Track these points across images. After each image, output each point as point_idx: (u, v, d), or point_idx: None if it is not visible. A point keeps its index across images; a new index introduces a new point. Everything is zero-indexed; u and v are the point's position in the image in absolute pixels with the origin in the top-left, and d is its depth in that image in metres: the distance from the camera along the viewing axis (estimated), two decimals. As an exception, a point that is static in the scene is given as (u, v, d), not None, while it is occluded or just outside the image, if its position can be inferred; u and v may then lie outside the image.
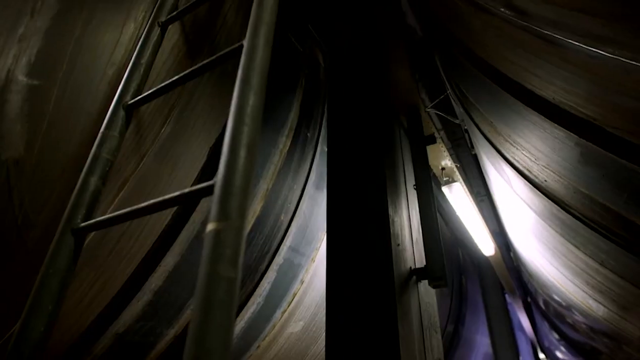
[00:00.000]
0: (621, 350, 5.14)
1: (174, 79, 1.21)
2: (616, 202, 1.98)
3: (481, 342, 8.97)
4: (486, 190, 6.33)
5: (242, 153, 0.80)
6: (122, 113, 1.23)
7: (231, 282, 0.67)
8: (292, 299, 2.77)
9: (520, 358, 7.47)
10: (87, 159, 1.19)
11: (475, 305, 8.04)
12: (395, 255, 1.72)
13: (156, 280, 2.12)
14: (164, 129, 2.07)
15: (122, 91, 1.29)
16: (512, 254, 6.81)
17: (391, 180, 2.02)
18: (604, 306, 3.66)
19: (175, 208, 2.20)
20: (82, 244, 1.04)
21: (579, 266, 3.19)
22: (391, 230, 1.78)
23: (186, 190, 0.87)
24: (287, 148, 2.87)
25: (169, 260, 2.15)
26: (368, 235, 1.78)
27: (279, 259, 2.61)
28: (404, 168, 2.33)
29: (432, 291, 2.05)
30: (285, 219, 2.72)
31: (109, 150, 1.15)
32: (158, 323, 2.30)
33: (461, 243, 6.69)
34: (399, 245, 1.80)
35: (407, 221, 2.08)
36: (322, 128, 3.33)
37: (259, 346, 2.71)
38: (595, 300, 3.69)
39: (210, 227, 0.71)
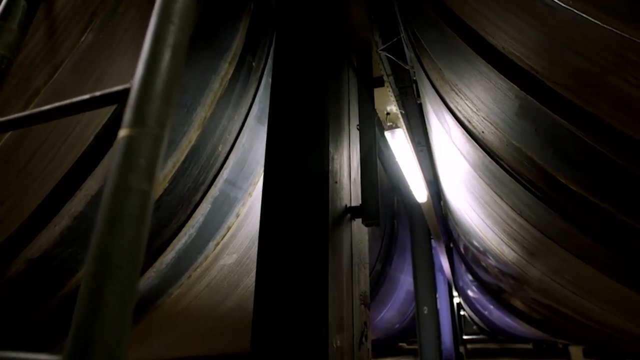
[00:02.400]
0: (522, 290, 5.83)
1: (90, -34, 1.01)
2: (543, 156, 2.10)
3: (405, 281, 9.75)
4: (426, 141, 6.53)
5: (167, 55, 0.68)
6: (22, 2, 1.02)
7: (144, 195, 0.59)
8: (227, 232, 2.74)
9: (437, 295, 8.25)
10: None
11: (404, 247, 8.61)
12: (332, 192, 1.71)
13: (76, 204, 1.96)
14: (84, 37, 1.81)
15: (24, -26, 1.07)
16: (442, 203, 7.25)
17: (335, 117, 1.96)
18: (515, 252, 4.05)
19: (99, 128, 2.00)
20: (-30, 151, 0.88)
21: (499, 215, 3.45)
22: (330, 167, 1.75)
23: (97, 93, 0.75)
24: (229, 76, 2.68)
25: (91, 184, 1.98)
26: (306, 171, 1.74)
27: (214, 191, 2.53)
28: (349, 107, 2.28)
29: (365, 230, 2.10)
30: (223, 150, 2.60)
31: (4, 45, 0.96)
32: (79, 249, 2.17)
33: (397, 190, 6.97)
34: (336, 182, 1.79)
35: (347, 160, 2.07)
36: (270, 59, 3.14)
37: (190, 276, 2.69)
38: (509, 246, 4.06)
39: (122, 133, 0.61)
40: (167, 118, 0.66)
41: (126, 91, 0.68)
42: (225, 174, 2.57)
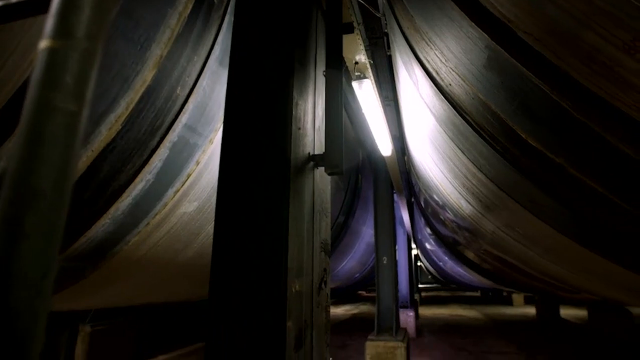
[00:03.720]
0: (475, 242, 6.16)
1: None
2: (506, 110, 2.12)
3: (366, 233, 10.05)
4: (394, 96, 6.50)
5: (99, -44, 0.58)
6: None
7: (71, 116, 0.51)
8: (187, 179, 2.65)
9: (396, 247, 8.59)
10: None
11: (366, 201, 8.80)
12: (295, 137, 1.65)
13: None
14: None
15: None
16: (406, 158, 7.37)
17: (300, 61, 1.87)
18: (472, 206, 4.21)
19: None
20: None
21: (460, 170, 3.53)
22: (293, 113, 1.68)
23: (13, 0, 0.64)
24: (188, 11, 2.48)
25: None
26: (269, 116, 1.67)
27: (172, 136, 2.41)
28: (316, 52, 2.17)
29: (327, 179, 2.08)
30: (181, 93, 2.45)
31: None
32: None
33: (362, 143, 6.99)
34: (300, 129, 1.73)
35: (312, 107, 2.00)
36: (234, -4, 2.92)
37: (148, 223, 2.61)
38: (466, 200, 4.21)
39: (43, 44, 0.52)
40: (100, 30, 0.57)
41: (50, -3, 0.58)
42: (184, 118, 2.44)
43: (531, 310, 14.46)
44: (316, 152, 1.95)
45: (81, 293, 3.03)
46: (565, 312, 13.45)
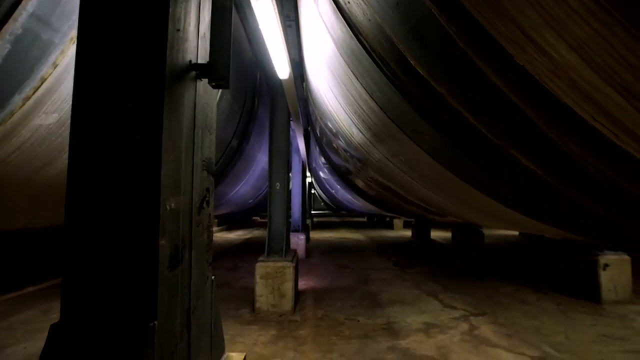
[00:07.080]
0: (365, 170, 6.53)
1: None
2: (399, 34, 2.10)
3: (261, 160, 10.00)
4: (296, 16, 6.16)
5: None
6: None
7: None
8: (40, 85, 2.21)
9: (291, 175, 8.75)
10: None
11: (262, 126, 8.62)
12: (172, 40, 1.43)
13: None
14: None
15: None
16: (304, 85, 7.26)
17: (181, -53, 1.57)
18: (362, 134, 4.36)
19: None
20: None
21: (353, 96, 3.56)
22: (171, 10, 1.43)
23: None
24: None
25: None
26: (138, 9, 1.40)
27: (14, 27, 1.93)
28: (202, -59, 1.86)
29: (213, 93, 1.90)
30: (25, -29, 1.94)
31: None
32: None
33: (261, 65, 6.66)
34: (179, 30, 1.50)
35: (196, 9, 1.74)
36: None
37: (-11, 136, 2.16)
38: (358, 128, 4.34)
39: None
40: None
41: None
42: (29, 6, 1.96)
43: (408, 233, 16.38)
44: (200, 62, 1.74)
45: None
46: (435, 234, 15.52)
